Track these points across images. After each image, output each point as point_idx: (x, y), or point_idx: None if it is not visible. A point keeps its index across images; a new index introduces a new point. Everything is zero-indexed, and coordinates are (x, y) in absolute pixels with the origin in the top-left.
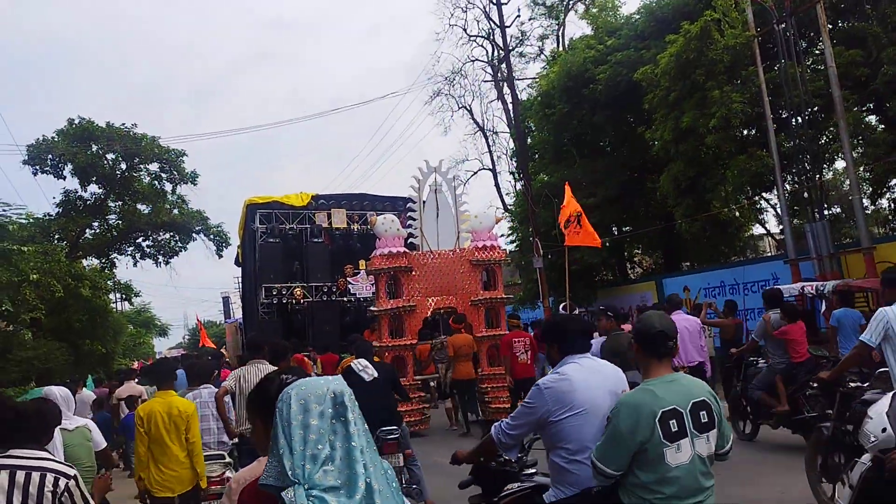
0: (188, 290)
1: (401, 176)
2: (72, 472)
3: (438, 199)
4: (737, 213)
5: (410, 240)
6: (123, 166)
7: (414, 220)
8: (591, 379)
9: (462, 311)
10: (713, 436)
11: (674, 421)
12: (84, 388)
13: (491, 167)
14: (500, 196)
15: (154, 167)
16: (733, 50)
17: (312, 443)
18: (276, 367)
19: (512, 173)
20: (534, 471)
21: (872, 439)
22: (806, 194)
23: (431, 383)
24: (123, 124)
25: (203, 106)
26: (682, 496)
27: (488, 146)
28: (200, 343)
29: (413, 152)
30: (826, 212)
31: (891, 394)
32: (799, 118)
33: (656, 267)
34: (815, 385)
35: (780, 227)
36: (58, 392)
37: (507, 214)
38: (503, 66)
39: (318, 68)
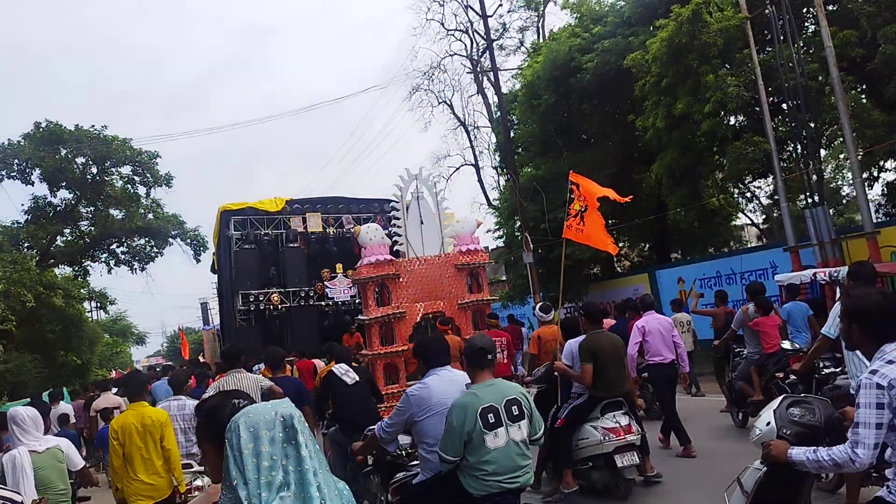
0: (166, 297)
1: (379, 176)
2: (19, 498)
3: (421, 206)
4: (727, 202)
5: (395, 247)
6: (94, 170)
7: (397, 220)
8: (446, 387)
9: (450, 315)
10: (524, 425)
11: (491, 414)
12: (61, 402)
13: (473, 162)
14: (484, 191)
15: (126, 170)
16: (726, 33)
17: (266, 470)
18: (256, 377)
19: (495, 168)
20: (417, 462)
21: (757, 432)
22: (814, 177)
23: None
24: (93, 126)
25: (176, 116)
26: (501, 473)
27: (470, 141)
28: (183, 354)
29: (391, 152)
30: (817, 197)
31: (782, 396)
32: (795, 101)
33: (641, 260)
34: (793, 374)
35: (764, 216)
36: (24, 413)
37: (493, 210)
38: (482, 59)
39: (293, 75)
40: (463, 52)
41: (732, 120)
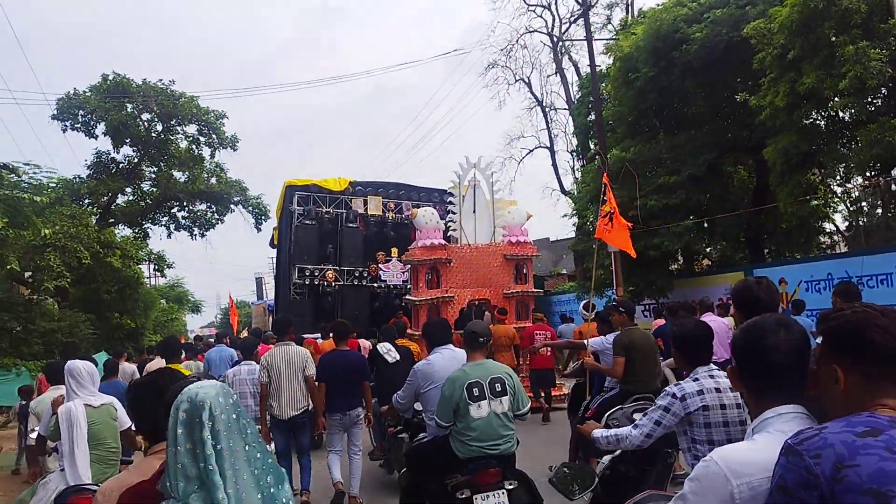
0: (223, 267)
1: (446, 158)
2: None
3: (476, 194)
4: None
5: (449, 233)
6: (160, 127)
7: (453, 213)
8: (447, 363)
9: (495, 304)
10: (506, 400)
11: (476, 388)
12: (125, 361)
13: (549, 145)
14: (558, 176)
15: (192, 129)
16: None
17: (189, 461)
18: (302, 351)
19: (571, 152)
20: None
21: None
22: None
23: None
24: (160, 80)
25: (244, 93)
26: (483, 440)
27: (546, 123)
28: (232, 320)
29: (460, 133)
30: None
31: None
32: None
33: (723, 259)
34: None
35: (848, 222)
36: (81, 366)
37: (566, 195)
38: (564, 36)
39: (361, 57)
40: (543, 29)
41: (875, 97)
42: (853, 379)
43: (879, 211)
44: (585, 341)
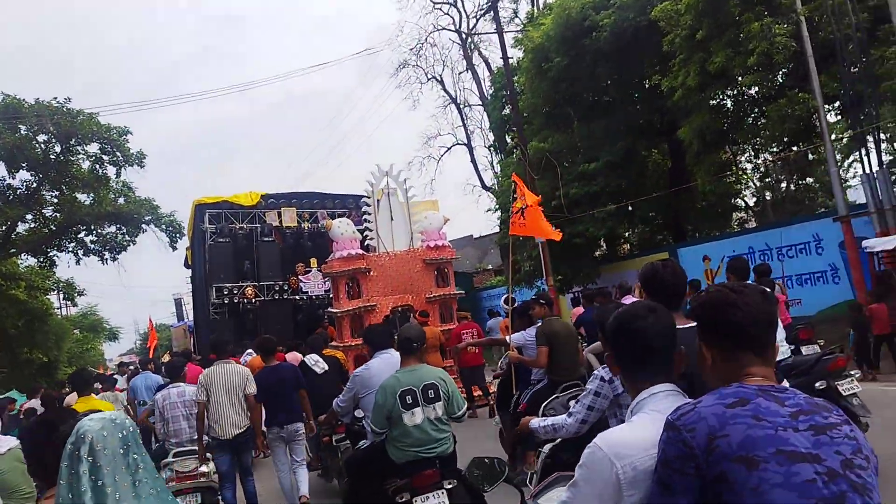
0: (139, 291)
1: (361, 165)
2: None
3: (391, 202)
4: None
5: (366, 242)
6: (58, 149)
7: (368, 215)
8: (385, 368)
9: (418, 308)
10: (439, 406)
11: (409, 396)
12: (33, 399)
13: (466, 142)
14: (478, 172)
15: (94, 148)
16: None
17: (83, 489)
18: (239, 365)
19: (489, 147)
20: None
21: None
22: (872, 137)
23: None
24: (55, 99)
25: (146, 107)
26: (418, 445)
27: (462, 119)
28: (150, 344)
29: (375, 138)
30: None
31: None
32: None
33: (643, 242)
34: None
35: (757, 197)
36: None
37: (488, 191)
38: (472, 32)
39: (267, 65)
40: (451, 26)
41: (781, 72)
42: (719, 354)
43: (784, 185)
44: (507, 337)
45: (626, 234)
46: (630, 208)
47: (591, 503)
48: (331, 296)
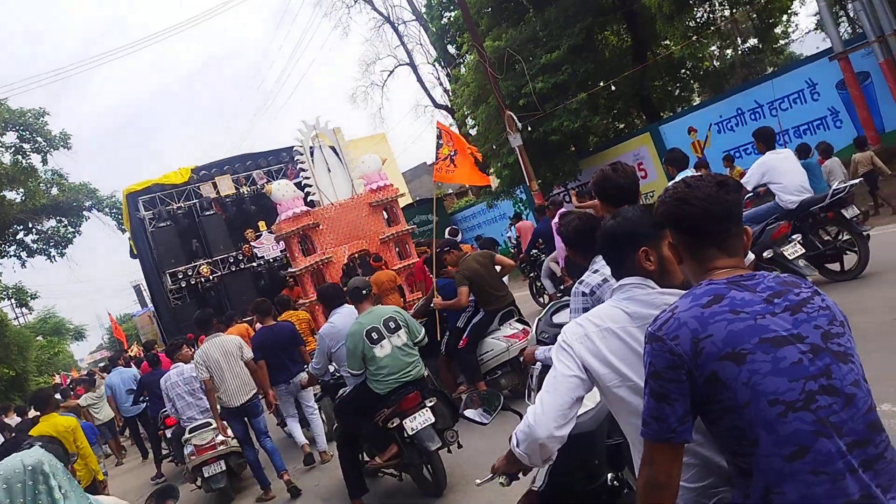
0: (97, 284)
1: (300, 111)
2: None
3: (325, 154)
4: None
5: (309, 198)
6: None
7: (304, 171)
8: (347, 319)
9: (374, 251)
10: (402, 333)
11: (374, 333)
12: (14, 416)
13: (408, 60)
14: (426, 90)
15: (11, 138)
16: None
17: None
18: (229, 335)
19: (433, 62)
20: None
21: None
22: None
23: None
24: None
25: (60, 95)
26: (395, 372)
27: (399, 38)
28: (120, 337)
29: (310, 76)
30: None
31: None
32: None
33: (615, 130)
34: None
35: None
36: None
37: (441, 109)
38: None
39: (175, 34)
40: None
41: None
42: (684, 250)
43: (755, 41)
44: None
45: (606, 122)
46: (601, 97)
47: (564, 371)
48: (287, 257)
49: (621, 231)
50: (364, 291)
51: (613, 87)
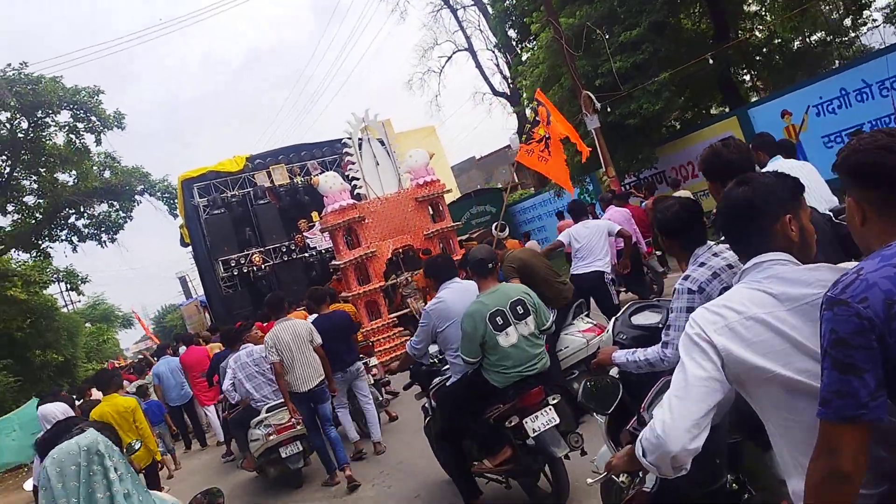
0: (146, 271)
1: (357, 99)
2: None
3: (373, 147)
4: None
5: (356, 191)
6: (25, 125)
7: (352, 165)
8: (459, 297)
9: (418, 247)
10: (530, 320)
11: (499, 317)
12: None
13: (467, 46)
14: (485, 77)
15: (65, 117)
16: None
17: (84, 500)
18: (301, 319)
19: (493, 49)
20: (448, 367)
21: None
22: None
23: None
24: (9, 65)
25: (108, 87)
26: (519, 364)
27: (458, 22)
28: (148, 334)
29: (365, 62)
30: None
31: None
32: None
33: (693, 115)
34: None
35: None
36: (55, 410)
37: (499, 97)
38: None
39: (226, 29)
40: None
41: None
42: (872, 208)
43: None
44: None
45: (688, 106)
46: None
47: (699, 372)
48: None
49: (758, 198)
50: (490, 265)
51: (697, 68)
